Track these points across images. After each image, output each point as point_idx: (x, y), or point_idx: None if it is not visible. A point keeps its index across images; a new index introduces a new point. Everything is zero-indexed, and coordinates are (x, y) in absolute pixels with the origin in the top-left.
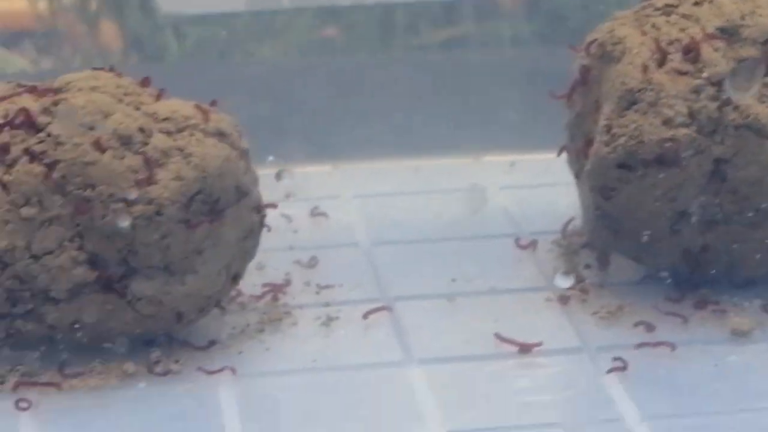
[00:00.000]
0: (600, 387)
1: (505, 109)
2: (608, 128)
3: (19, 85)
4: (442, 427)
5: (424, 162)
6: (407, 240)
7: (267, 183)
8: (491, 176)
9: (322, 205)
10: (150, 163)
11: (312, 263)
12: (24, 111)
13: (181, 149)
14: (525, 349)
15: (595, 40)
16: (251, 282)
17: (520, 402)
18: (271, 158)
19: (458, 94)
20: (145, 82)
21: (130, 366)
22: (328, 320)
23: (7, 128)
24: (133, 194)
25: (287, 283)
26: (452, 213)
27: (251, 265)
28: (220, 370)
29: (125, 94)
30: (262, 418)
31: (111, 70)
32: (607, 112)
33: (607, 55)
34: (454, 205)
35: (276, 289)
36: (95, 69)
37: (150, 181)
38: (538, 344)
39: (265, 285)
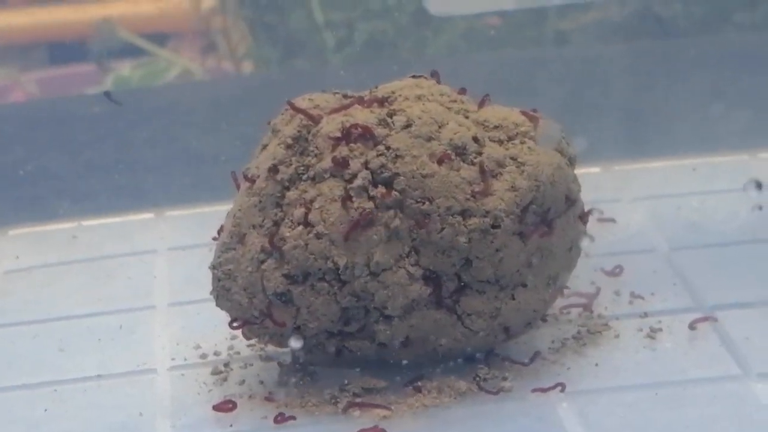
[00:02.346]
0: None
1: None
2: None
3: (345, 96)
4: None
5: (699, 161)
6: (707, 243)
7: None
8: None
9: (604, 210)
10: (486, 174)
11: (617, 271)
12: (363, 126)
13: (513, 158)
14: None
15: None
16: None
17: None
18: None
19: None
20: (462, 90)
21: (461, 384)
22: (652, 332)
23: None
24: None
25: (597, 292)
26: (746, 214)
27: None
28: (553, 387)
29: (451, 102)
30: None
31: (433, 76)
32: None
33: None
34: (744, 206)
35: (588, 299)
36: (414, 76)
37: (486, 192)
38: None
39: (572, 294)
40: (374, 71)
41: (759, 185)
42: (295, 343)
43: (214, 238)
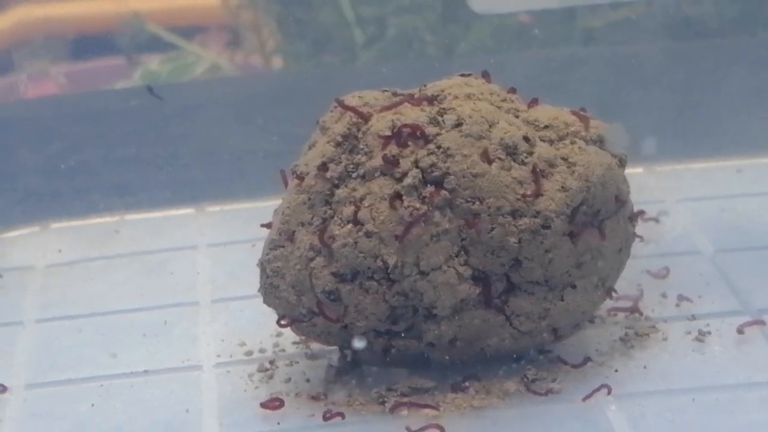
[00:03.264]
0: None
1: None
2: None
3: (395, 94)
4: None
5: (745, 162)
6: (753, 246)
7: None
8: None
9: (648, 211)
10: (538, 175)
11: (663, 273)
12: (414, 125)
13: (564, 158)
14: None
15: None
16: None
17: None
18: None
19: None
20: (512, 90)
21: (510, 385)
22: (701, 335)
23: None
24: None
25: (642, 294)
26: None
27: None
28: (598, 389)
29: (501, 101)
30: None
31: (483, 76)
32: None
33: None
34: None
35: (634, 301)
36: (463, 75)
37: (537, 193)
38: None
39: (619, 297)
40: (405, 67)
41: None
42: (359, 343)
43: (264, 226)
